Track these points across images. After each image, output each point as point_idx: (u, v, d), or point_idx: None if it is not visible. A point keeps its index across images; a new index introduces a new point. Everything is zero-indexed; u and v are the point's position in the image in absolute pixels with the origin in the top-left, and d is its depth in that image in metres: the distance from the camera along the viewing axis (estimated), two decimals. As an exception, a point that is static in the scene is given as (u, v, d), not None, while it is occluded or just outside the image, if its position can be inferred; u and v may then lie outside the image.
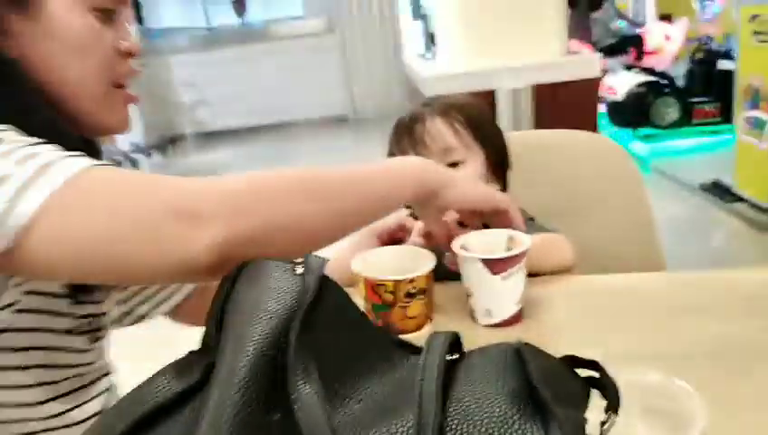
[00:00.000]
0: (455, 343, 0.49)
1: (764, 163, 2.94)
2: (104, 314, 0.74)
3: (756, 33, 3.06)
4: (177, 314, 0.89)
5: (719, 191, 3.37)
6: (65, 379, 0.67)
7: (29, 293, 0.62)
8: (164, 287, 0.87)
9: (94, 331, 0.72)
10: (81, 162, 0.52)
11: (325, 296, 0.46)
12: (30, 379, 0.63)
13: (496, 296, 0.77)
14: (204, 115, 6.95)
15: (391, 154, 1.13)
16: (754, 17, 3.07)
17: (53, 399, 0.65)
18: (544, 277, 0.90)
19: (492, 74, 2.11)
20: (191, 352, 0.48)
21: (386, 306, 0.77)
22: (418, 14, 3.71)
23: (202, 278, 0.53)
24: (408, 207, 0.83)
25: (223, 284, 0.49)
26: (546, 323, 0.79)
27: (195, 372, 0.45)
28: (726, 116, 4.10)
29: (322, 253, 0.53)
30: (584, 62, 2.14)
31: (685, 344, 0.70)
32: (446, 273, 1.00)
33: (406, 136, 1.08)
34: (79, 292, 0.68)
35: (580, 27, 5.80)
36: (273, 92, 6.74)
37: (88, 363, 0.70)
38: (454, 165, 1.02)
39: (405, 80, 4.61)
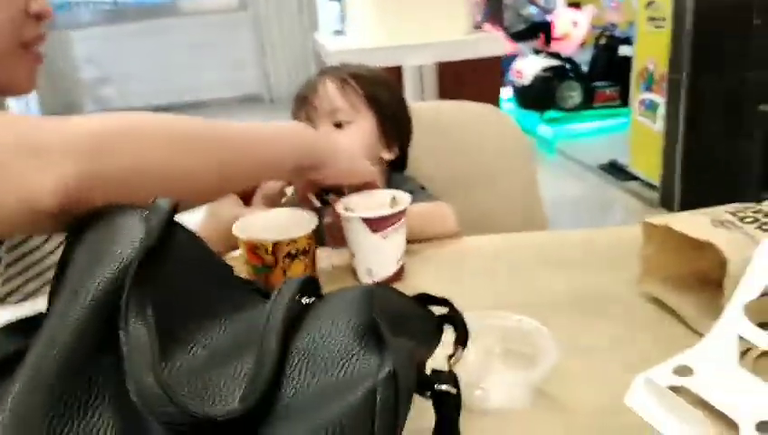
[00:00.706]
0: (313, 287, 0.49)
1: (657, 143, 3.11)
2: None
3: (651, 18, 3.23)
4: None
5: (615, 171, 3.55)
6: None
7: None
8: (53, 267, 0.82)
9: None
10: None
11: (173, 241, 0.45)
12: None
13: (377, 255, 0.78)
14: (107, 93, 6.61)
15: (294, 118, 1.12)
16: (650, 3, 3.23)
17: None
18: (426, 243, 0.92)
19: (398, 50, 2.12)
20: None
21: (266, 268, 0.76)
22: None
23: (47, 224, 0.48)
24: None
25: (68, 236, 0.47)
26: (424, 281, 0.81)
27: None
28: (625, 100, 4.32)
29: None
30: (488, 40, 2.19)
31: (547, 295, 0.74)
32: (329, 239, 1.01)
33: (300, 100, 1.08)
34: None
35: (492, 12, 5.94)
36: (182, 70, 6.50)
37: None
38: (339, 125, 1.03)
39: (319, 59, 4.56)
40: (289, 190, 0.89)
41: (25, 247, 0.81)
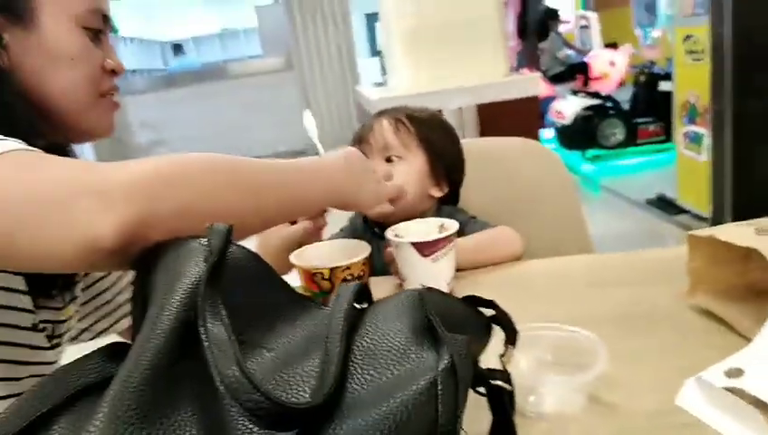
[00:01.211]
0: (364, 294, 0.53)
1: (703, 175, 3.07)
2: (64, 321, 0.75)
3: (690, 51, 3.23)
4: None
5: (664, 205, 3.50)
6: (29, 376, 0.67)
7: None
8: (123, 305, 0.88)
9: (55, 337, 0.73)
10: (7, 144, 0.53)
11: (232, 255, 0.49)
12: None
13: (427, 278, 0.81)
14: (162, 154, 6.90)
15: None
16: (688, 37, 3.24)
17: (16, 395, 0.66)
18: (475, 268, 0.95)
19: (438, 95, 2.19)
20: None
21: (323, 293, 0.80)
22: (375, 50, 3.81)
23: (106, 261, 0.50)
24: None
25: (137, 269, 0.51)
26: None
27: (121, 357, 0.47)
28: (669, 134, 4.28)
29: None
30: (525, 81, 2.24)
31: (597, 310, 0.75)
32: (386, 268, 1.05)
33: (357, 138, 1.13)
34: (37, 295, 0.69)
35: (529, 57, 6.02)
36: (232, 130, 6.77)
37: (50, 362, 0.71)
38: (389, 160, 1.08)
39: (362, 110, 4.69)
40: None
41: (100, 286, 0.87)
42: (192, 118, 6.78)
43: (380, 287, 0.87)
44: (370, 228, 1.13)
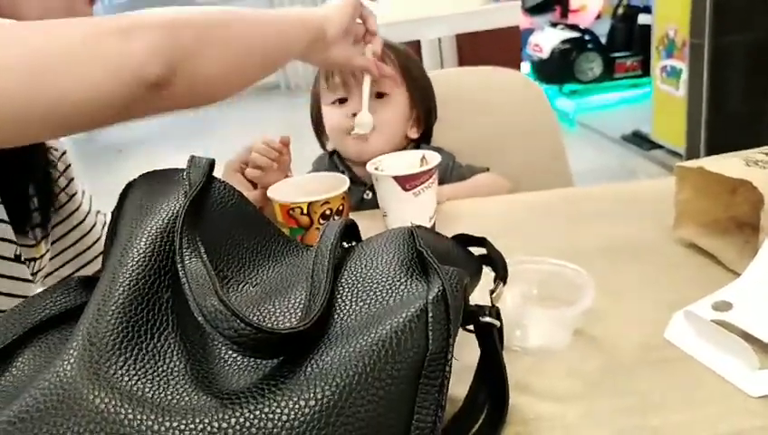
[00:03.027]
0: (353, 232, 0.51)
1: (680, 110, 3.06)
2: (37, 259, 0.74)
3: (670, -16, 3.17)
4: None
5: (639, 140, 3.51)
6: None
7: None
8: (89, 249, 0.85)
9: (32, 274, 0.72)
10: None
11: (213, 190, 0.47)
12: None
13: (409, 212, 0.79)
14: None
15: (313, 99, 1.13)
16: (668, -30, 3.17)
17: None
18: (457, 200, 0.93)
19: (416, 24, 2.11)
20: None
21: (302, 229, 0.78)
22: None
23: (156, 94, 0.52)
24: None
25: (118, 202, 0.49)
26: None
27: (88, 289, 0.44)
28: (647, 69, 4.25)
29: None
30: (504, 10, 2.17)
31: (581, 244, 0.75)
32: (363, 202, 1.02)
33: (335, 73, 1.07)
34: (13, 223, 0.67)
35: (506, -13, 5.87)
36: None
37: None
38: (380, 95, 1.03)
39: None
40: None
41: (68, 224, 0.83)
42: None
43: (359, 221, 0.84)
44: (337, 169, 1.10)
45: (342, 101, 1.05)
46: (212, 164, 0.49)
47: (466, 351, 0.45)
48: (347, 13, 0.83)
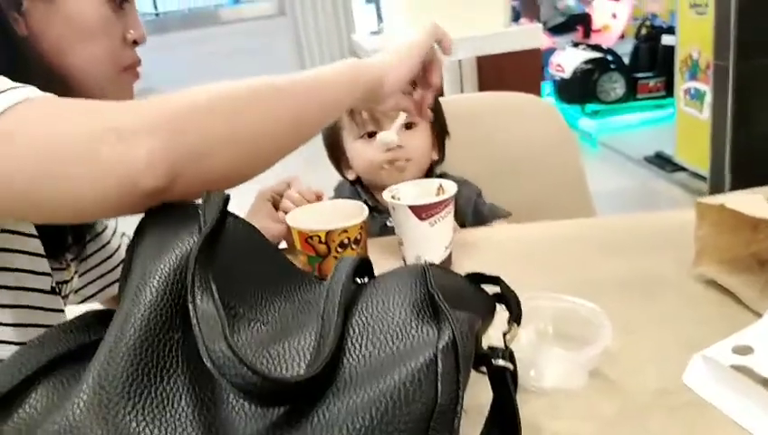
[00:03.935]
0: (366, 268, 0.50)
1: (704, 133, 3.03)
2: (67, 281, 0.75)
3: (693, 5, 3.15)
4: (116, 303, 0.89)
5: (662, 162, 3.47)
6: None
7: (3, 250, 0.62)
8: (112, 271, 0.86)
9: (63, 297, 0.72)
10: (25, 91, 0.50)
11: (228, 225, 0.47)
12: (21, 336, 0.62)
13: (425, 242, 0.79)
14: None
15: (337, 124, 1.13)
16: (691, -10, 3.16)
17: None
18: (473, 228, 0.93)
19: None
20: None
21: (319, 257, 0.78)
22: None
23: (151, 201, 0.49)
24: None
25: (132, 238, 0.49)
26: (473, 267, 0.81)
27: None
28: (670, 90, 4.21)
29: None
30: (527, 32, 2.17)
31: (599, 278, 0.73)
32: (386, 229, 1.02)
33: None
34: (49, 255, 0.68)
35: (527, 6, 5.88)
36: (223, 77, 6.62)
37: None
38: (409, 126, 1.04)
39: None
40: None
41: (92, 246, 0.85)
42: (182, 64, 6.62)
43: (376, 248, 0.85)
44: (359, 197, 1.10)
45: (372, 134, 1.05)
46: (227, 199, 0.50)
47: (479, 391, 0.45)
48: (411, 65, 0.74)
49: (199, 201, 0.50)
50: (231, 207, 0.49)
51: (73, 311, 0.75)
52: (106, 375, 0.35)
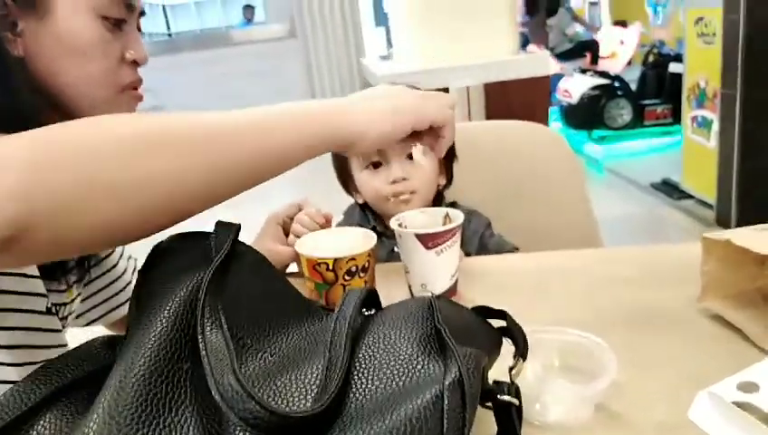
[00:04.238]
0: (373, 300, 0.51)
1: (711, 161, 3.04)
2: (67, 304, 0.74)
3: (701, 34, 3.17)
4: (123, 325, 0.89)
5: (668, 189, 3.48)
6: (45, 360, 0.66)
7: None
8: (117, 295, 0.87)
9: (61, 319, 0.72)
10: None
11: (238, 255, 0.48)
12: (15, 358, 0.62)
13: (431, 270, 0.79)
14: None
15: None
16: (699, 20, 3.18)
17: None
18: (479, 256, 0.93)
19: (444, 72, 2.15)
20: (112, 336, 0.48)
21: (327, 284, 0.78)
22: (380, 20, 3.75)
23: None
24: None
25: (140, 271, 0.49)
26: (479, 297, 0.81)
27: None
28: (677, 117, 4.24)
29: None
30: (534, 60, 2.19)
31: (605, 312, 0.73)
32: (393, 254, 1.03)
33: None
34: (44, 277, 0.67)
35: (536, 33, 5.94)
36: (233, 98, 6.69)
37: (64, 345, 0.70)
38: (412, 157, 1.05)
39: (366, 84, 4.63)
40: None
41: (97, 270, 0.85)
42: (193, 84, 6.70)
43: (384, 274, 0.85)
44: (368, 221, 1.11)
45: (377, 165, 1.06)
46: (238, 229, 0.51)
47: (484, 425, 0.45)
48: (394, 134, 0.62)
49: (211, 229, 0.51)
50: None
51: (76, 334, 0.76)
52: (116, 405, 0.35)
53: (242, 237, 0.52)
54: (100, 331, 0.87)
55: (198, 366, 0.39)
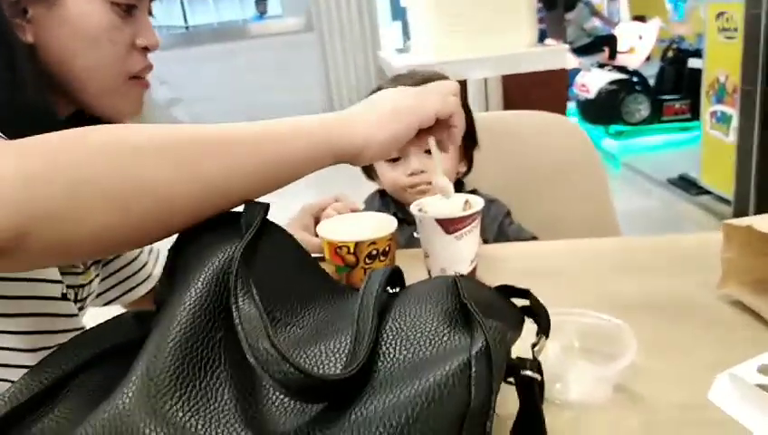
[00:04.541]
0: (398, 278, 0.52)
1: (729, 157, 3.01)
2: (85, 285, 0.75)
3: (722, 29, 3.14)
4: (140, 306, 0.90)
5: (686, 185, 3.45)
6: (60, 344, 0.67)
7: None
8: (134, 275, 0.88)
9: (78, 301, 0.73)
10: None
11: (267, 233, 0.49)
12: (28, 343, 0.62)
13: (450, 255, 0.80)
14: (178, 114, 6.89)
15: None
16: (720, 14, 3.15)
17: None
18: (500, 243, 0.94)
19: (462, 64, 2.14)
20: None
21: (348, 267, 0.79)
22: (397, 14, 3.74)
23: None
24: None
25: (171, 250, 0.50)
26: (499, 282, 0.82)
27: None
28: (696, 113, 4.20)
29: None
30: (552, 53, 2.18)
31: (625, 297, 0.74)
32: (413, 240, 1.04)
33: None
34: None
35: (554, 27, 5.90)
36: (249, 91, 6.73)
37: (80, 328, 0.69)
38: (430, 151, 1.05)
39: (383, 76, 4.62)
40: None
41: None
42: (210, 77, 6.73)
43: (404, 259, 0.86)
44: (389, 208, 1.12)
45: (395, 159, 1.07)
46: (267, 208, 0.52)
47: (506, 401, 0.46)
48: (402, 136, 0.63)
49: (241, 208, 0.52)
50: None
51: (95, 313, 0.77)
52: (154, 368, 0.36)
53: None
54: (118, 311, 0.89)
55: (231, 335, 0.40)
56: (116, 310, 0.88)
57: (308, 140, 0.56)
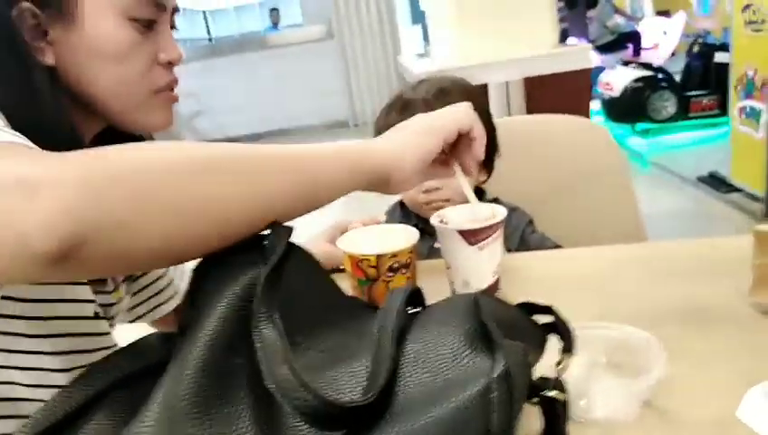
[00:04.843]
0: (417, 298, 0.52)
1: (760, 153, 2.94)
2: (115, 303, 0.75)
3: (749, 22, 3.08)
4: (166, 323, 0.90)
5: (715, 183, 3.38)
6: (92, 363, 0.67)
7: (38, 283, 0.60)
8: (161, 292, 0.88)
9: (109, 318, 0.73)
10: None
11: (292, 258, 0.49)
12: (64, 363, 0.62)
13: (473, 267, 0.79)
14: (202, 125, 7.00)
15: (378, 132, 1.15)
16: (747, 7, 3.09)
17: None
18: (520, 252, 0.93)
19: (483, 68, 2.13)
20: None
21: (369, 281, 0.79)
22: (417, 18, 3.74)
23: (40, 271, 0.41)
24: None
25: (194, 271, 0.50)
26: (523, 292, 0.81)
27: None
28: (724, 108, 4.11)
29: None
30: (575, 53, 2.16)
31: (653, 306, 0.73)
32: (434, 251, 1.03)
33: (394, 112, 1.09)
34: (91, 282, 0.68)
35: (576, 25, 5.84)
36: (272, 100, 6.80)
37: (113, 346, 0.70)
38: None
39: (403, 82, 4.62)
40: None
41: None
42: (233, 88, 6.82)
43: (425, 271, 0.85)
44: (410, 219, 1.11)
45: None
46: (290, 232, 0.52)
47: (529, 421, 0.45)
48: (429, 151, 0.65)
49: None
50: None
51: (122, 331, 0.78)
52: (174, 394, 0.37)
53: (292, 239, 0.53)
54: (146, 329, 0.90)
55: (251, 361, 0.40)
56: (144, 329, 0.90)
57: (348, 160, 0.59)
